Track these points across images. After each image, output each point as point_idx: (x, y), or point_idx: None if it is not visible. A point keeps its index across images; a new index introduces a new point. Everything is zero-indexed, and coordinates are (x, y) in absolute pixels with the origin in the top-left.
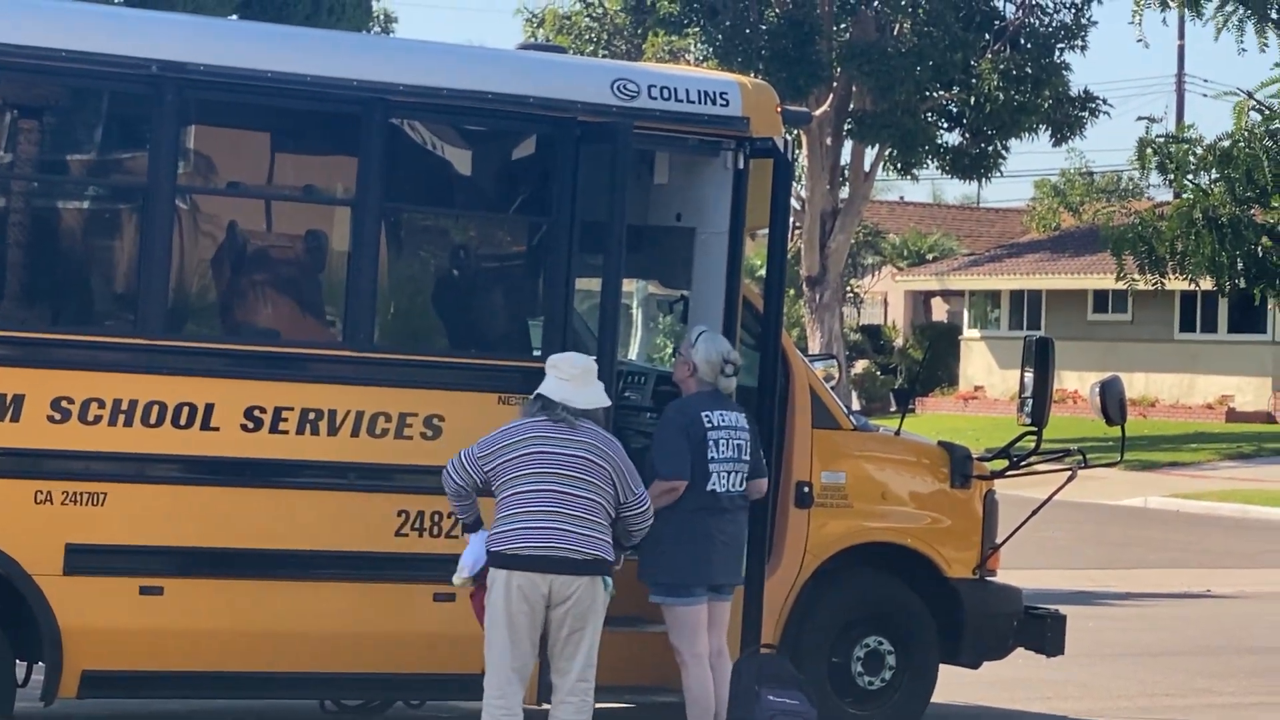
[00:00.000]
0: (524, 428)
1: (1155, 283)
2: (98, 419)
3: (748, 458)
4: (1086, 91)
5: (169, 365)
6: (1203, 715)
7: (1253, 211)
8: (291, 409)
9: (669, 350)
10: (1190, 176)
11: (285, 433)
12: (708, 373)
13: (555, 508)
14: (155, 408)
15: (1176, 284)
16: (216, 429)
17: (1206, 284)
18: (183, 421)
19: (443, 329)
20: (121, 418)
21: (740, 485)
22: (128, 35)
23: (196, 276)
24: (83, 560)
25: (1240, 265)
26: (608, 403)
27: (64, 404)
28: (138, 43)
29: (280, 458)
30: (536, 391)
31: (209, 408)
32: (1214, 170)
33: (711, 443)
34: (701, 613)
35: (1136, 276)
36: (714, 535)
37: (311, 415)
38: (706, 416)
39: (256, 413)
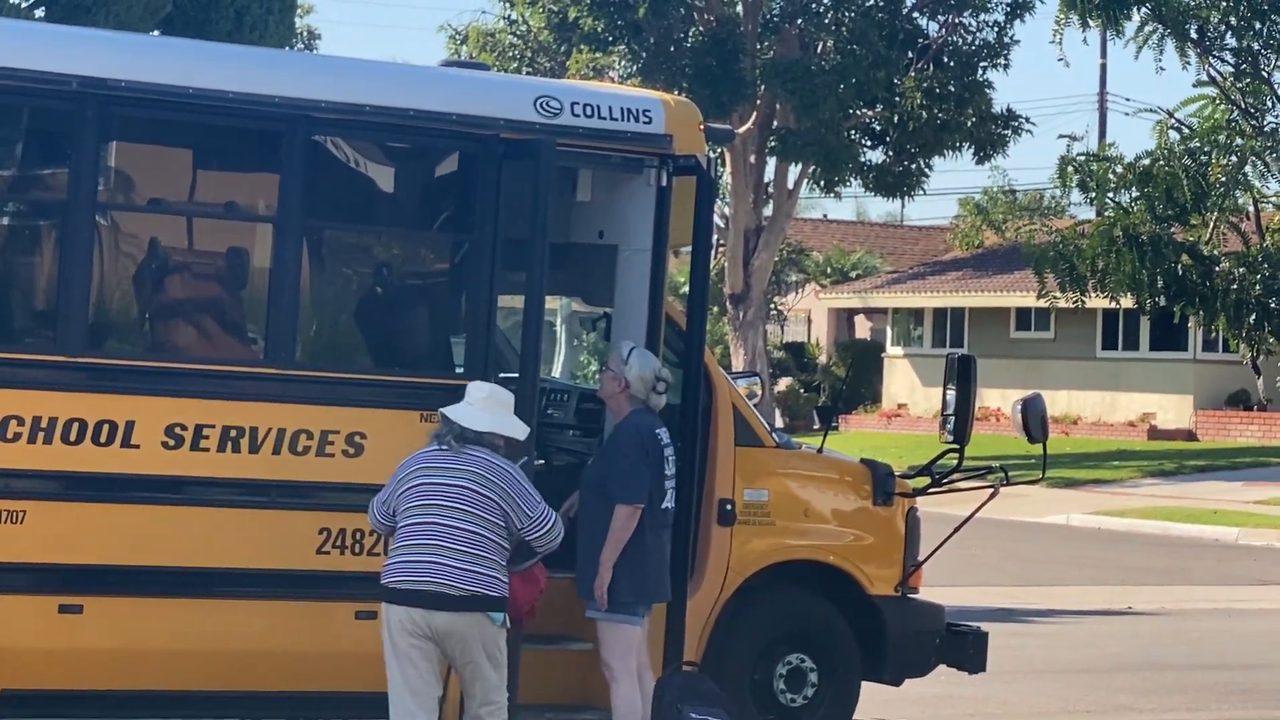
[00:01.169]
0: (415, 459)
1: (1076, 301)
2: (17, 436)
3: (673, 471)
4: (1009, 110)
5: (89, 382)
6: None
7: (1173, 230)
8: (213, 426)
9: (592, 368)
10: (1111, 195)
11: (206, 450)
12: (640, 389)
13: (435, 540)
14: (75, 425)
15: (1098, 302)
16: (137, 446)
17: (1128, 302)
18: (103, 439)
19: (365, 346)
20: (41, 435)
21: (672, 501)
22: (48, 51)
23: (117, 293)
24: (1, 579)
25: (1161, 283)
26: (516, 431)
27: None
28: (58, 59)
29: (201, 475)
30: (440, 410)
31: (129, 425)
32: (1134, 189)
33: (666, 459)
34: (644, 630)
35: (1058, 295)
36: (664, 552)
37: (233, 433)
38: (658, 434)
39: (178, 430)
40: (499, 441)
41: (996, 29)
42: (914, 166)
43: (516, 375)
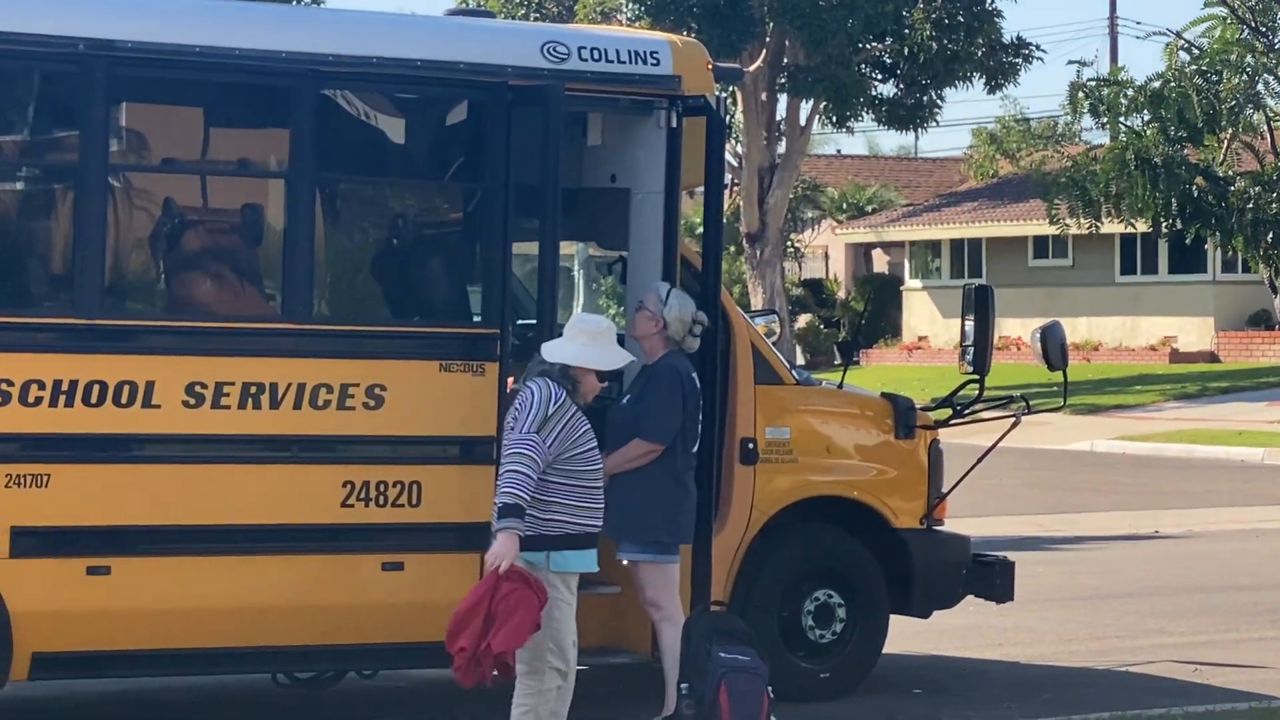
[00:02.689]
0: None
1: (1090, 226)
2: (38, 400)
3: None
4: (1019, 38)
5: (108, 344)
6: (1153, 655)
7: (1186, 152)
8: (233, 384)
9: (611, 312)
10: (1122, 119)
11: (228, 408)
12: (678, 330)
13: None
14: (96, 387)
15: (1115, 227)
16: (158, 406)
17: (1143, 225)
18: (124, 400)
19: (382, 298)
20: (62, 398)
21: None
22: (55, 14)
23: (133, 255)
24: (29, 543)
25: (1175, 205)
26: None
27: (4, 387)
28: (65, 21)
29: (223, 433)
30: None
31: (150, 385)
32: (1146, 112)
33: (700, 404)
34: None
35: (1069, 222)
36: (694, 494)
37: (253, 389)
38: (694, 377)
39: (198, 389)
40: (555, 370)
41: None
42: (926, 99)
43: (534, 322)
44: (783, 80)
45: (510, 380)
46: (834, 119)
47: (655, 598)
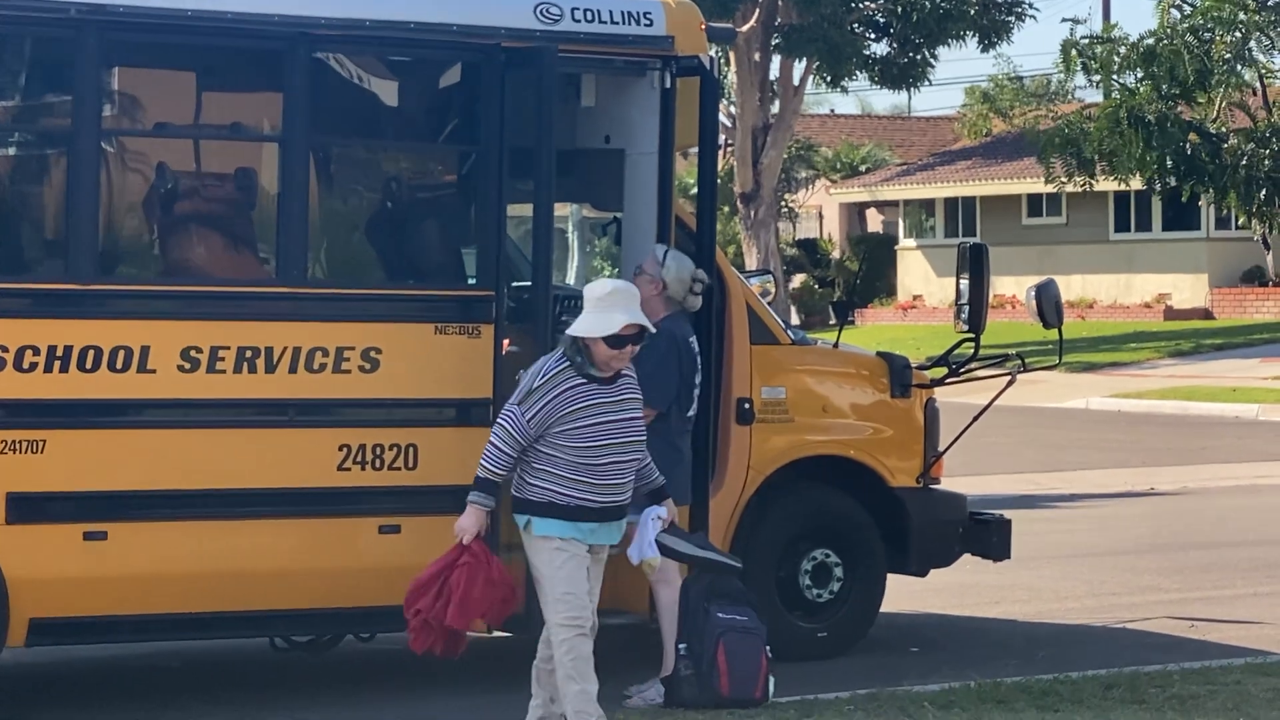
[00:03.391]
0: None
1: (1084, 184)
2: (33, 366)
3: None
4: None
5: (103, 309)
6: (1150, 612)
7: (1179, 109)
8: (228, 348)
9: (606, 273)
10: (1115, 76)
11: (223, 372)
12: (678, 290)
13: None
14: (91, 352)
15: (1109, 185)
16: (153, 371)
17: (1137, 183)
18: (119, 365)
19: (376, 262)
20: (57, 364)
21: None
22: None
23: (127, 220)
24: (25, 509)
25: (1169, 163)
26: (585, 332)
27: None
28: None
29: (219, 397)
30: None
31: (145, 350)
32: (1138, 69)
33: (697, 369)
34: None
35: (1064, 180)
36: (690, 457)
37: (248, 353)
38: (691, 342)
39: (193, 353)
40: (568, 341)
41: None
42: (919, 57)
43: (529, 284)
44: (776, 40)
45: (506, 343)
46: (827, 78)
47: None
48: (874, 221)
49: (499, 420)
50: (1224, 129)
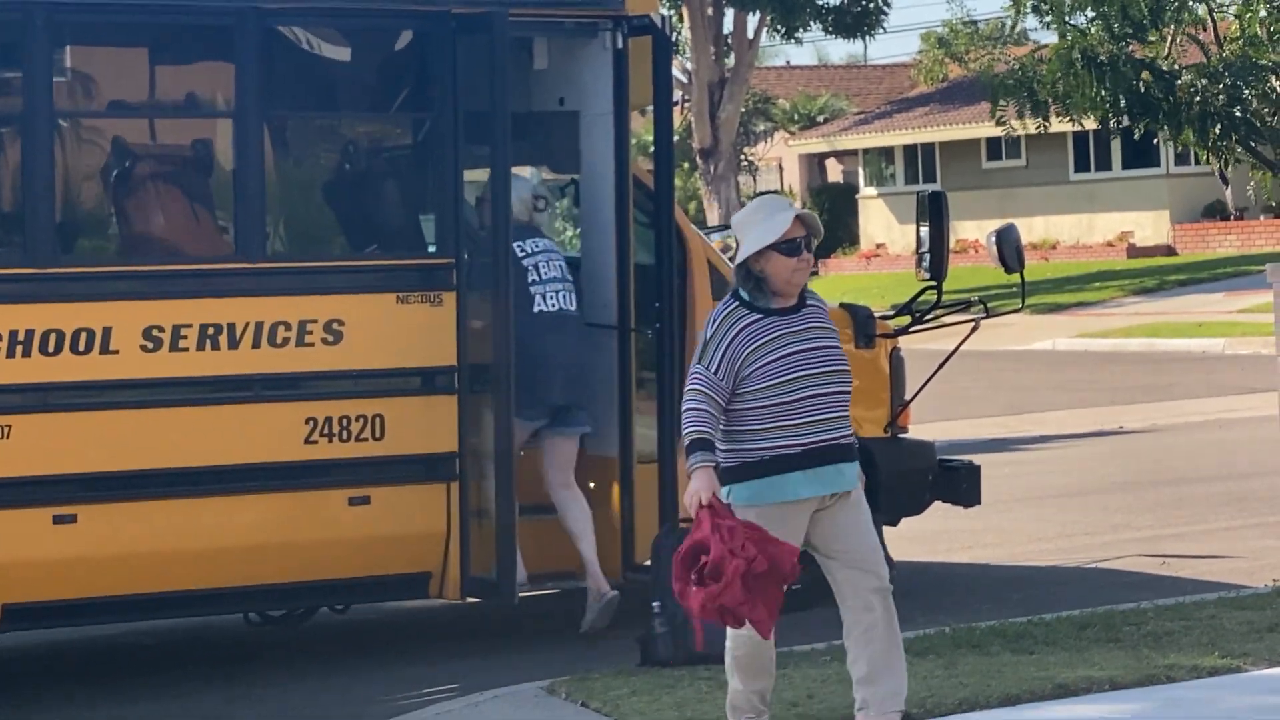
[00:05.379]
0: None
1: (1039, 127)
2: None
3: (571, 277)
4: None
5: (63, 292)
6: (1121, 550)
7: (1131, 48)
8: (190, 325)
9: (567, 235)
10: (1067, 17)
11: (186, 350)
12: (522, 212)
13: None
14: (53, 336)
15: (1066, 126)
16: (116, 352)
17: (1091, 123)
18: (81, 347)
19: (336, 233)
20: (19, 348)
21: (572, 304)
22: None
23: (83, 201)
24: None
25: (1123, 102)
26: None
27: None
28: None
29: (183, 375)
30: None
31: (107, 331)
32: (1090, 9)
33: (527, 268)
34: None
35: (1015, 125)
36: (552, 359)
37: (211, 330)
38: (513, 247)
39: (155, 332)
40: (738, 279)
41: None
42: (872, 5)
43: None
44: None
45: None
46: (782, 30)
47: (566, 477)
48: (834, 172)
49: (687, 385)
50: (1176, 65)
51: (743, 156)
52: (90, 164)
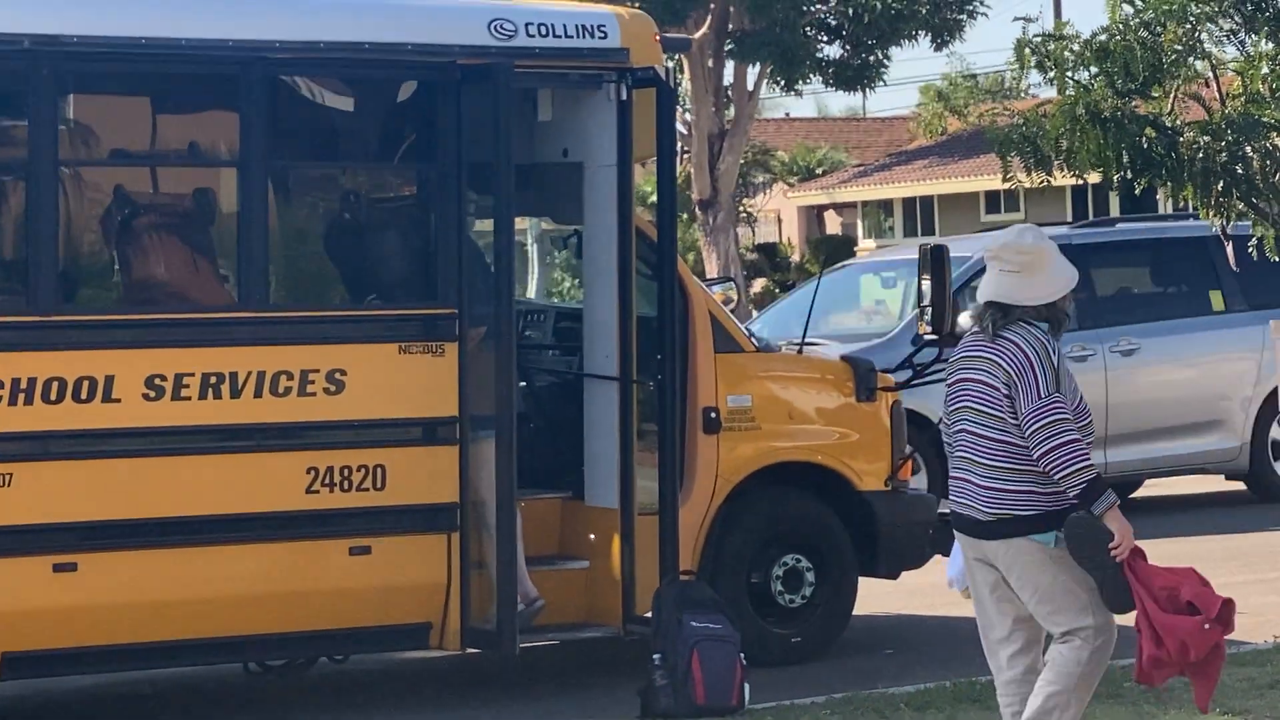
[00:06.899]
0: (957, 350)
1: (1042, 181)
2: None
3: None
4: None
5: (66, 340)
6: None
7: (1135, 104)
8: (192, 374)
9: (567, 285)
10: (1070, 73)
11: (188, 399)
12: None
13: (965, 453)
14: (55, 384)
15: (1066, 180)
16: (118, 400)
17: (1094, 178)
18: (84, 395)
19: (339, 283)
20: (22, 396)
21: None
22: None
23: (87, 249)
24: None
25: (1127, 158)
26: (1055, 295)
27: None
28: (9, 19)
29: (185, 424)
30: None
31: (109, 380)
32: (1093, 65)
33: None
34: None
35: (1022, 178)
36: None
37: (213, 379)
38: None
39: (158, 381)
40: (1031, 313)
41: None
42: (872, 58)
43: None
44: (729, 46)
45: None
46: (782, 82)
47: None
48: (833, 223)
49: (1055, 417)
50: (1179, 122)
51: (741, 208)
52: (94, 212)
